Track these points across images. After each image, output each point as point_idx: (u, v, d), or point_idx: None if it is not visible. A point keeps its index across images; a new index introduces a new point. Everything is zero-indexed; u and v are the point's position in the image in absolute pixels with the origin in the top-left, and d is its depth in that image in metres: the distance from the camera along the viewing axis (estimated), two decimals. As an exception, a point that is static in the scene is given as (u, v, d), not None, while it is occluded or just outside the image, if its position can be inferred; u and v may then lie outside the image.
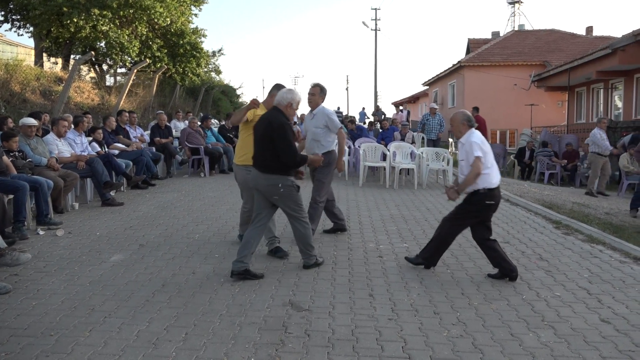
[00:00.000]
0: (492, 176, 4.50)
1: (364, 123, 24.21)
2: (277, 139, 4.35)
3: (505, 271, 4.51)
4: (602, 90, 19.61)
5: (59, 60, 19.66)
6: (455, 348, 3.24)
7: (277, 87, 4.99)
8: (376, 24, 37.38)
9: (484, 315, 3.76)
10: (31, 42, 19.58)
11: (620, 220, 8.34)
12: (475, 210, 4.57)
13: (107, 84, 19.90)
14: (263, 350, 3.16)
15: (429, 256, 4.79)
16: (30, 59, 18.25)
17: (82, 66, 17.26)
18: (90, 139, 8.48)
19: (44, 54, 18.73)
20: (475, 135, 4.57)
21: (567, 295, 4.19)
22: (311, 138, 5.66)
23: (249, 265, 4.43)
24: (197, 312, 3.73)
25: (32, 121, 6.90)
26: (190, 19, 21.43)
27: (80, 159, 7.46)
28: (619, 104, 18.71)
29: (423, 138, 13.94)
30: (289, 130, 4.43)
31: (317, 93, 5.64)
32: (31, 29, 17.06)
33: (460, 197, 4.70)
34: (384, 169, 10.37)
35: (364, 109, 36.09)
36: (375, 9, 37.63)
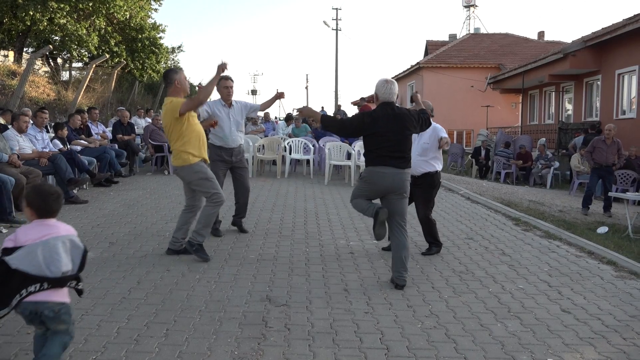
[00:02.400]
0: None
1: None
2: (426, 121, 4.57)
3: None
4: (553, 93, 20.47)
5: (10, 53, 18.95)
6: (430, 339, 3.39)
7: (174, 71, 4.93)
8: (337, 24, 37.64)
9: (455, 308, 3.94)
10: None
11: (572, 218, 8.79)
12: (436, 189, 5.42)
13: (62, 78, 19.32)
14: (246, 344, 3.23)
15: (436, 242, 5.46)
16: (-20, 52, 17.55)
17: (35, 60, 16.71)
18: (52, 135, 8.26)
19: (-5, 47, 18.03)
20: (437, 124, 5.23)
21: (530, 288, 4.43)
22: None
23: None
24: (176, 309, 3.75)
25: (-7, 116, 6.69)
26: (149, 14, 21.07)
27: (42, 155, 7.28)
28: (569, 106, 19.58)
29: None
30: None
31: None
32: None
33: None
34: (349, 167, 10.54)
35: (322, 108, 36.24)
36: (336, 8, 37.82)
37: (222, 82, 5.55)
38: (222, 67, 4.79)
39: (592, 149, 9.86)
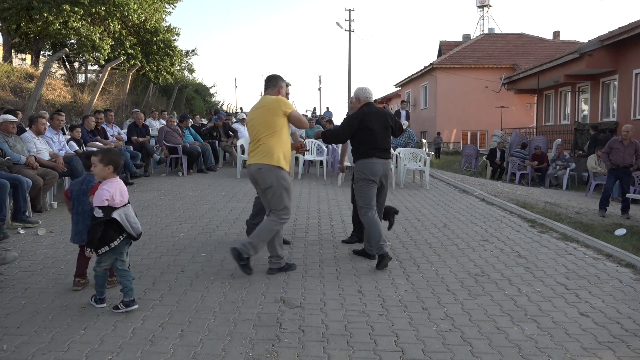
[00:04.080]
0: None
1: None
2: (397, 124, 5.28)
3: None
4: (569, 93, 20.23)
5: (28, 57, 19.20)
6: (446, 341, 3.36)
7: (281, 79, 4.80)
8: (350, 25, 37.58)
9: (470, 310, 3.90)
10: (-1, 38, 19.07)
11: (589, 219, 8.66)
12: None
13: (78, 81, 19.53)
14: (260, 346, 3.22)
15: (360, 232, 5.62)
16: (-2, 55, 17.79)
17: (52, 63, 16.92)
18: (68, 137, 8.34)
19: (12, 50, 18.27)
20: None
21: (547, 291, 4.37)
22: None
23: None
24: (191, 310, 3.76)
25: (12, 117, 6.76)
26: (163, 16, 21.24)
27: (57, 163, 7.21)
28: (585, 107, 19.34)
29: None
30: None
31: None
32: (-1, 24, 16.63)
33: None
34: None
35: (327, 108, 36.23)
36: (349, 10, 37.98)
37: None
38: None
39: (609, 149, 9.72)
